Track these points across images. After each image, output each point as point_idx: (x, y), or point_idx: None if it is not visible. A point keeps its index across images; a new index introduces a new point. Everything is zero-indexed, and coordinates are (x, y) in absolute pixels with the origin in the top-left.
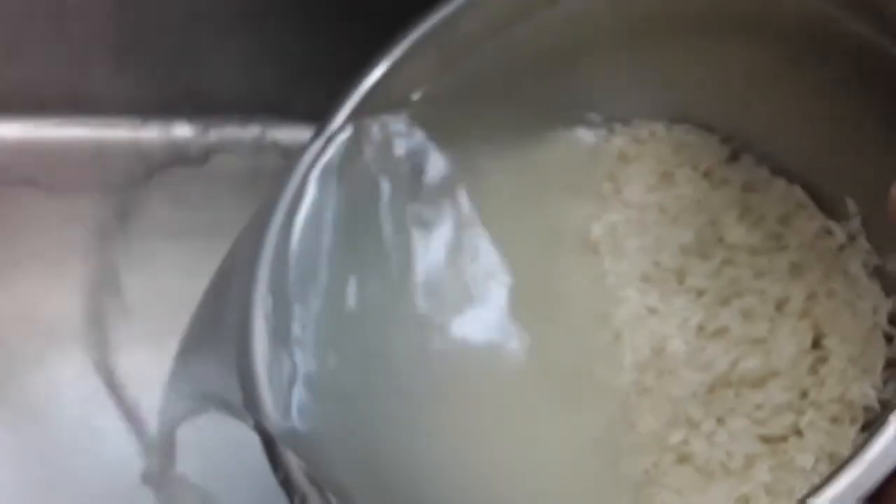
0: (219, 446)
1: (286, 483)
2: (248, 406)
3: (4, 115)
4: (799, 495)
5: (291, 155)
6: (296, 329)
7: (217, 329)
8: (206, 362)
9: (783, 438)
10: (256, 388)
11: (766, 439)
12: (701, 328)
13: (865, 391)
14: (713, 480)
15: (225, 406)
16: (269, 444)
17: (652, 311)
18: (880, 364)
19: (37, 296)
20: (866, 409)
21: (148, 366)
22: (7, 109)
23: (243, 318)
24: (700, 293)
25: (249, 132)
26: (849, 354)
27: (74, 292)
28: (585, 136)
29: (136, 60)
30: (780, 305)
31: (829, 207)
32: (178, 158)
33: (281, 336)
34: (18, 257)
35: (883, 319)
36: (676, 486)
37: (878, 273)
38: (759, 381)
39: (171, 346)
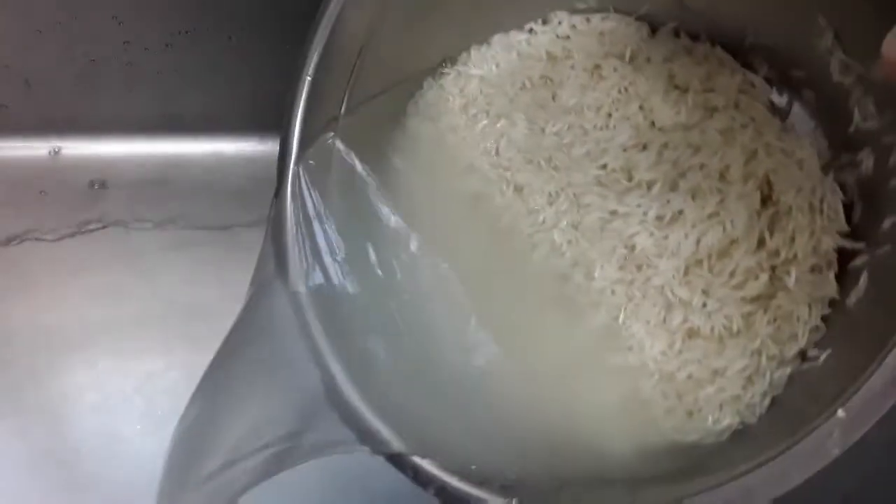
0: None
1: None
2: (279, 272)
3: None
4: (803, 341)
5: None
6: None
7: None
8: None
9: (769, 296)
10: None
11: (752, 299)
12: (659, 218)
13: (836, 240)
14: (724, 344)
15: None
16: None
17: (613, 213)
18: (841, 207)
19: (46, 307)
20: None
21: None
22: None
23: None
24: (650, 185)
25: (247, 145)
26: (808, 204)
27: (84, 303)
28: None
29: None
30: (723, 175)
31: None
32: (178, 172)
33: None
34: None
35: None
36: (696, 358)
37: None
38: (724, 252)
39: (180, 353)
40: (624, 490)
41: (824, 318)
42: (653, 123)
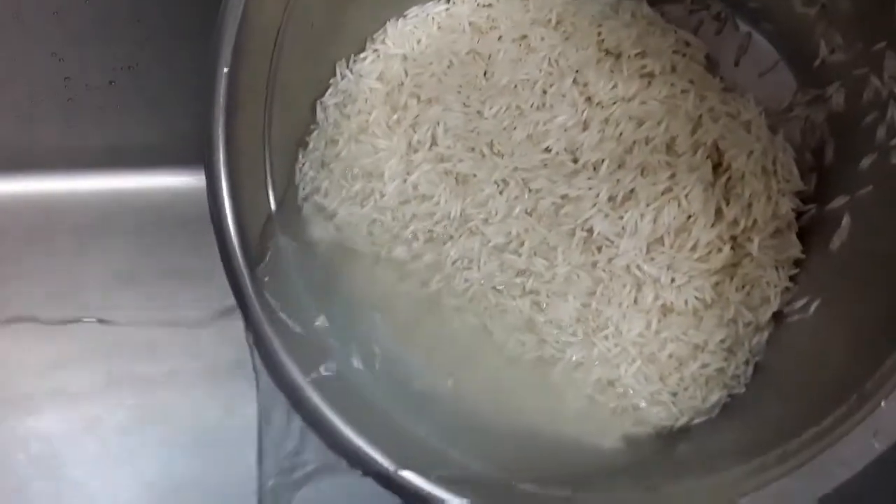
0: None
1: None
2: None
3: None
4: (776, 303)
5: None
6: None
7: None
8: None
9: (734, 265)
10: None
11: (718, 270)
12: (612, 199)
13: (794, 202)
14: (700, 317)
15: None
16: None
17: (564, 197)
18: (794, 167)
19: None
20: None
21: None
22: None
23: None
24: (596, 166)
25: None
26: (761, 168)
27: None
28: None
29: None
30: (671, 147)
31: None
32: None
33: None
34: None
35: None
36: (675, 336)
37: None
38: (682, 228)
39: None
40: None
41: (792, 278)
42: (590, 99)
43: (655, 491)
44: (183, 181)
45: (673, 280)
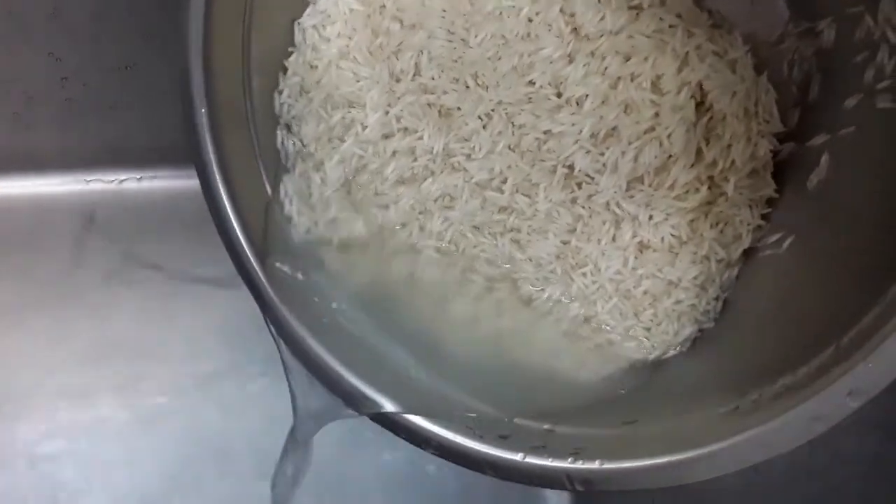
0: None
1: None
2: None
3: None
4: (747, 240)
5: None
6: None
7: None
8: None
9: (709, 203)
10: None
11: (695, 209)
12: (594, 136)
13: (772, 143)
14: (676, 254)
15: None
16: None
17: (547, 133)
18: (776, 109)
19: None
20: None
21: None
22: None
23: None
24: (580, 101)
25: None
26: (744, 110)
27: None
28: None
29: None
30: (656, 85)
31: None
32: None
33: None
34: None
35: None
36: (651, 272)
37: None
38: (662, 168)
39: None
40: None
41: (764, 216)
42: (576, 30)
43: (633, 425)
44: (183, 183)
45: (651, 217)
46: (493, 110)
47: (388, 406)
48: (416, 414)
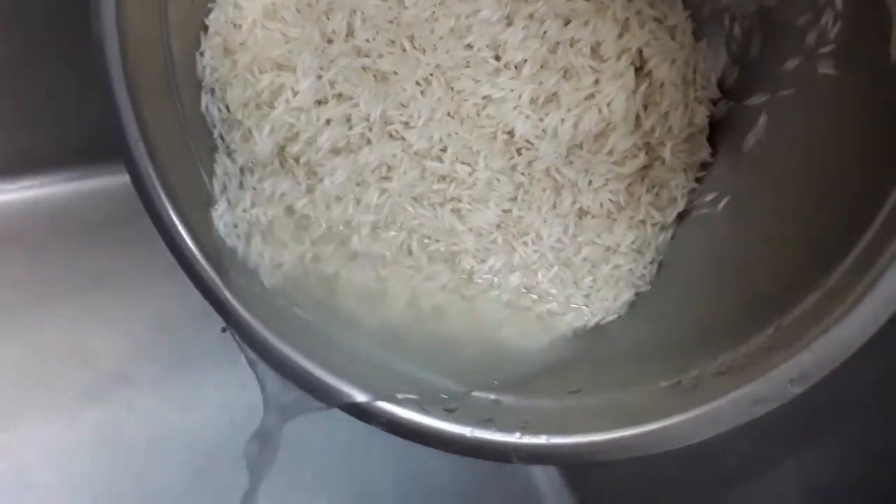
0: None
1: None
2: None
3: None
4: (681, 203)
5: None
6: None
7: None
8: None
9: (645, 167)
10: None
11: (632, 174)
12: (533, 101)
13: (710, 109)
14: (613, 219)
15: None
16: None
17: (486, 98)
18: (714, 76)
19: None
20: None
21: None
22: None
23: None
24: (519, 66)
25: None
26: (682, 77)
27: None
28: None
29: None
30: (596, 51)
31: None
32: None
33: None
34: None
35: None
36: (590, 239)
37: None
38: (601, 134)
39: None
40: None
41: (698, 179)
42: None
43: (577, 395)
44: (94, 183)
45: (590, 183)
46: (431, 75)
47: (358, 396)
48: (384, 400)
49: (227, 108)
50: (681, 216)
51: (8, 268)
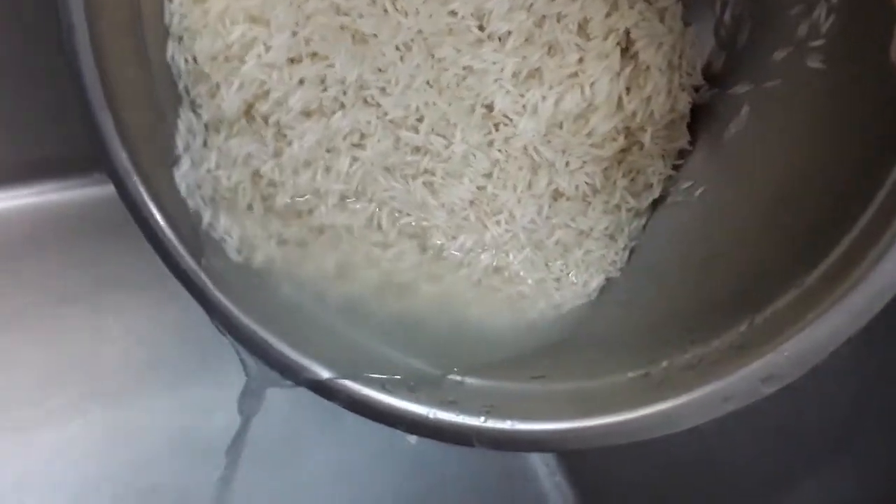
0: None
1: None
2: None
3: None
4: (657, 190)
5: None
6: None
7: None
8: None
9: (624, 150)
10: None
11: (608, 158)
12: (515, 75)
13: (692, 96)
14: (588, 202)
15: None
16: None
17: (467, 69)
18: (699, 64)
19: None
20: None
21: None
22: None
23: None
24: (503, 38)
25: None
26: (668, 62)
27: None
28: None
29: None
30: (583, 28)
31: None
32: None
33: None
34: None
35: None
36: (564, 222)
37: None
38: (582, 115)
39: None
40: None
41: (675, 167)
42: None
43: (543, 381)
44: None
45: (567, 164)
46: (412, 40)
47: (324, 373)
48: (346, 378)
49: (195, 59)
50: (655, 203)
51: (26, 272)
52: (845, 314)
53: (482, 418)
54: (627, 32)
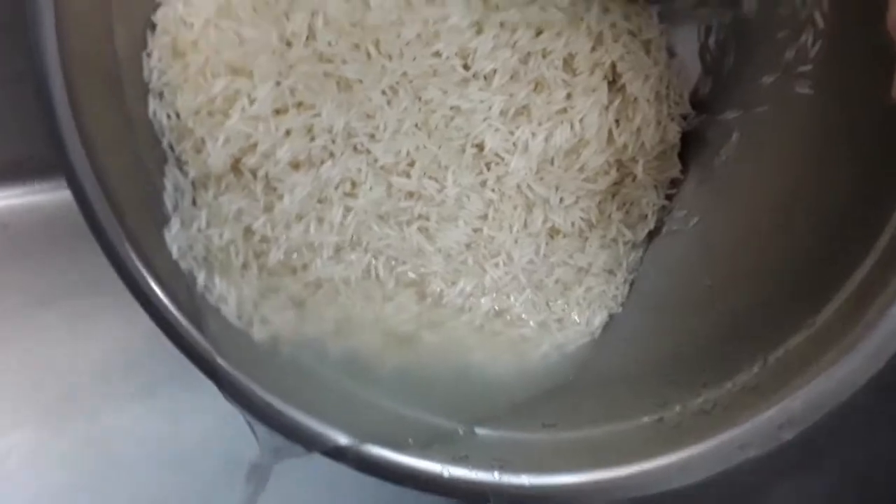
0: None
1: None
2: None
3: None
4: (652, 220)
5: None
6: None
7: None
8: None
9: (617, 183)
10: None
11: (601, 192)
12: (503, 113)
13: (682, 125)
14: (585, 238)
15: None
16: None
17: (455, 109)
18: (687, 93)
19: None
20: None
21: None
22: None
23: None
24: (488, 77)
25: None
26: (655, 94)
27: None
28: None
29: None
30: (568, 63)
31: None
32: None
33: None
34: None
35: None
36: (562, 260)
37: None
38: (573, 150)
39: None
40: None
41: (668, 196)
42: (486, 1)
43: (553, 430)
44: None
45: (561, 200)
46: (397, 83)
47: (342, 439)
48: (370, 443)
49: (178, 114)
50: (651, 234)
51: (0, 276)
52: (861, 357)
53: (495, 472)
54: (613, 66)
